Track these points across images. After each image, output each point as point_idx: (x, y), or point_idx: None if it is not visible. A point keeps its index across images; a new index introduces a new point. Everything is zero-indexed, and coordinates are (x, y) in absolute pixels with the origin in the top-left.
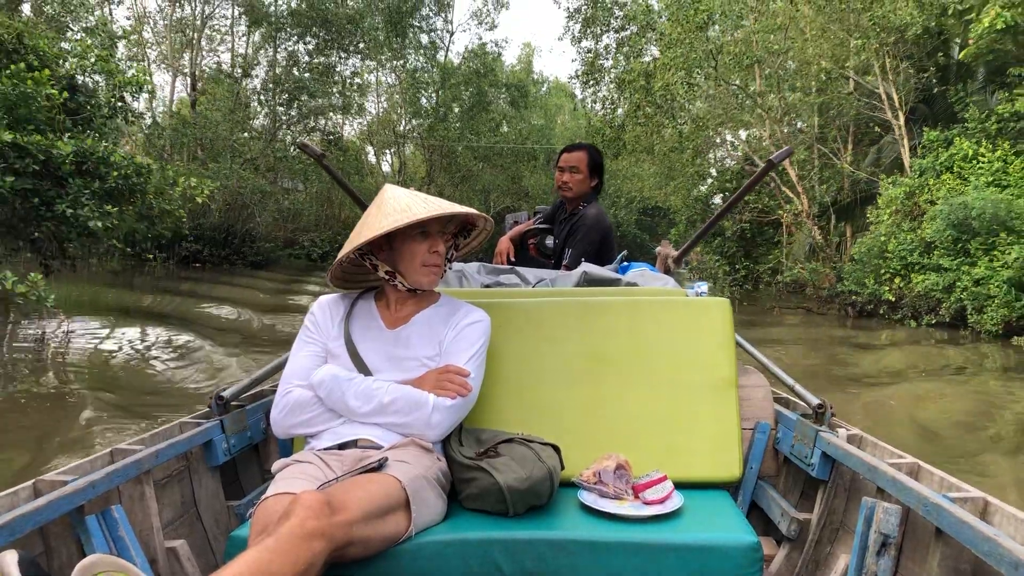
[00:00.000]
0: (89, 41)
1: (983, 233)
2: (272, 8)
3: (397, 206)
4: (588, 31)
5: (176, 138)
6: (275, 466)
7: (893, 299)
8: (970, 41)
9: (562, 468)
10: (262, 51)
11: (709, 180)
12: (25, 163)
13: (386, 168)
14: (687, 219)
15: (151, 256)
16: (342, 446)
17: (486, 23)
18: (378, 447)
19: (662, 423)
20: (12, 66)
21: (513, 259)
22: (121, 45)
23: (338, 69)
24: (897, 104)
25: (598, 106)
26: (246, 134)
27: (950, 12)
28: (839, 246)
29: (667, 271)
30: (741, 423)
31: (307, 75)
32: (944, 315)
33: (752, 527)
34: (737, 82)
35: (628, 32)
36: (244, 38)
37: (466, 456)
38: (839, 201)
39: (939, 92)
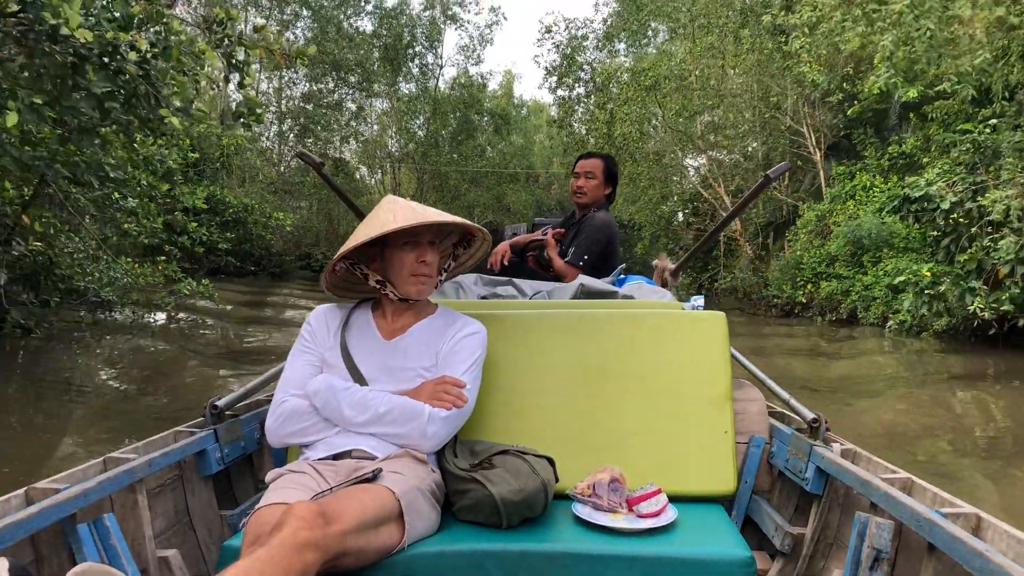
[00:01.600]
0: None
1: (872, 249)
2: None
3: (386, 217)
4: (563, 82)
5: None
6: (269, 476)
7: (805, 301)
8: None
9: (556, 480)
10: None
11: (671, 199)
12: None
13: (374, 184)
14: (651, 235)
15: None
16: (336, 456)
17: (472, 58)
18: (372, 458)
19: (657, 436)
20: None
21: (506, 262)
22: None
23: (345, 105)
24: (814, 143)
25: (572, 139)
26: (261, 161)
27: (843, 77)
28: (773, 259)
29: (664, 284)
30: (736, 437)
31: (320, 110)
32: (842, 313)
33: (746, 541)
34: (681, 128)
35: (593, 86)
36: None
37: (460, 468)
38: (775, 221)
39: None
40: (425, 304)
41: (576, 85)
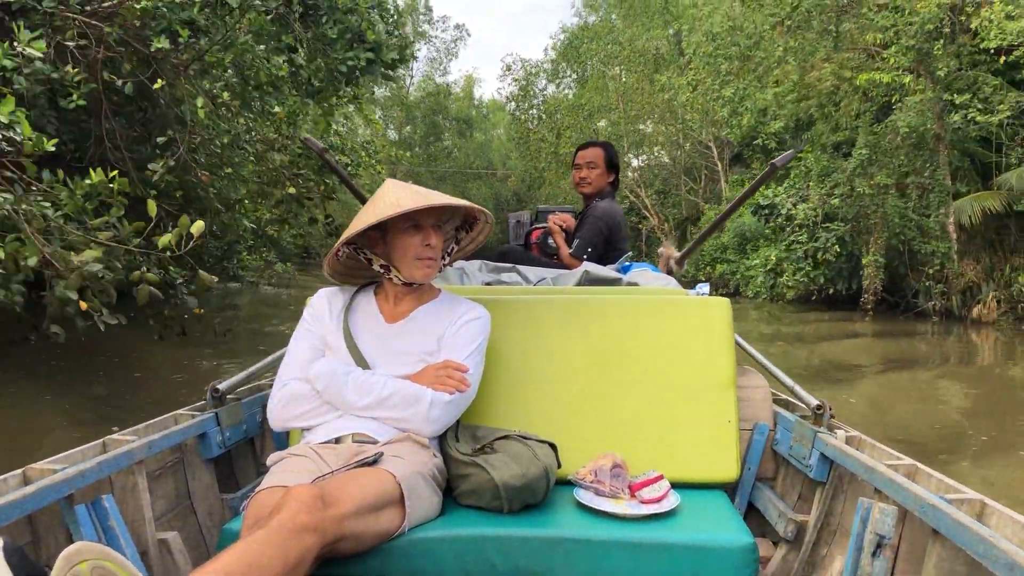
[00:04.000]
0: None
1: (752, 240)
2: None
3: (389, 200)
4: (520, 107)
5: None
6: (270, 459)
7: (704, 279)
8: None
9: (559, 466)
10: None
11: (631, 174)
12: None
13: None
14: None
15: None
16: (338, 440)
17: (439, 70)
18: (374, 441)
19: (660, 422)
20: None
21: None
22: None
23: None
24: (717, 156)
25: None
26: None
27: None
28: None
29: (669, 272)
30: (739, 423)
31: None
32: (730, 288)
33: (748, 528)
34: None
35: (543, 111)
36: None
37: (462, 452)
38: (689, 217)
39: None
40: (428, 288)
41: (531, 109)
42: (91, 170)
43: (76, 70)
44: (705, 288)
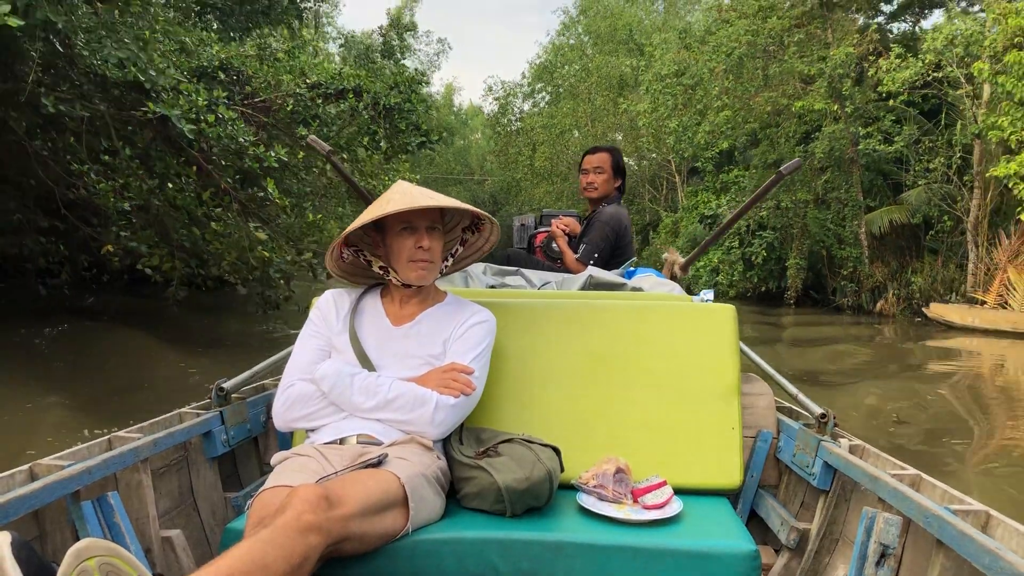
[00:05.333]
0: None
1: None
2: None
3: (385, 202)
4: (499, 123)
5: None
6: (274, 459)
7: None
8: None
9: (562, 470)
10: None
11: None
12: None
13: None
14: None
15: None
16: (342, 441)
17: (423, 82)
18: (378, 443)
19: (663, 428)
20: None
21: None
22: None
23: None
24: (674, 169)
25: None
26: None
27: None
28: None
29: (673, 277)
30: (743, 431)
31: None
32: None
33: (751, 535)
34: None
35: (521, 127)
36: None
37: (466, 455)
38: (649, 223)
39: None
40: (434, 291)
41: (509, 125)
42: (308, 213)
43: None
44: (709, 295)
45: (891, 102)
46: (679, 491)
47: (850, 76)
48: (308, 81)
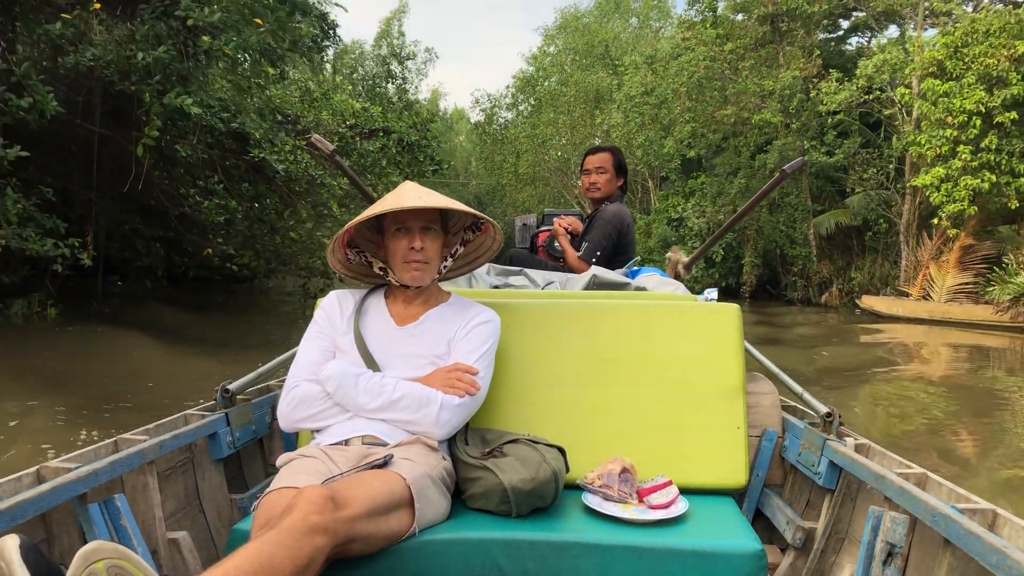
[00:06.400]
0: None
1: (672, 242)
2: None
3: (380, 204)
4: (485, 131)
5: None
6: (279, 460)
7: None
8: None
9: (567, 470)
10: None
11: (576, 192)
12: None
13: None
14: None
15: None
16: (348, 442)
17: (412, 91)
18: (383, 444)
19: (669, 428)
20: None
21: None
22: None
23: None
24: (647, 175)
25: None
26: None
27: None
28: None
29: (677, 276)
30: (748, 430)
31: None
32: None
33: (757, 535)
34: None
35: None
36: None
37: (471, 455)
38: None
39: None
40: (438, 292)
41: (495, 133)
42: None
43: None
44: (713, 294)
45: (840, 116)
46: (684, 491)
47: (796, 96)
48: (348, 123)
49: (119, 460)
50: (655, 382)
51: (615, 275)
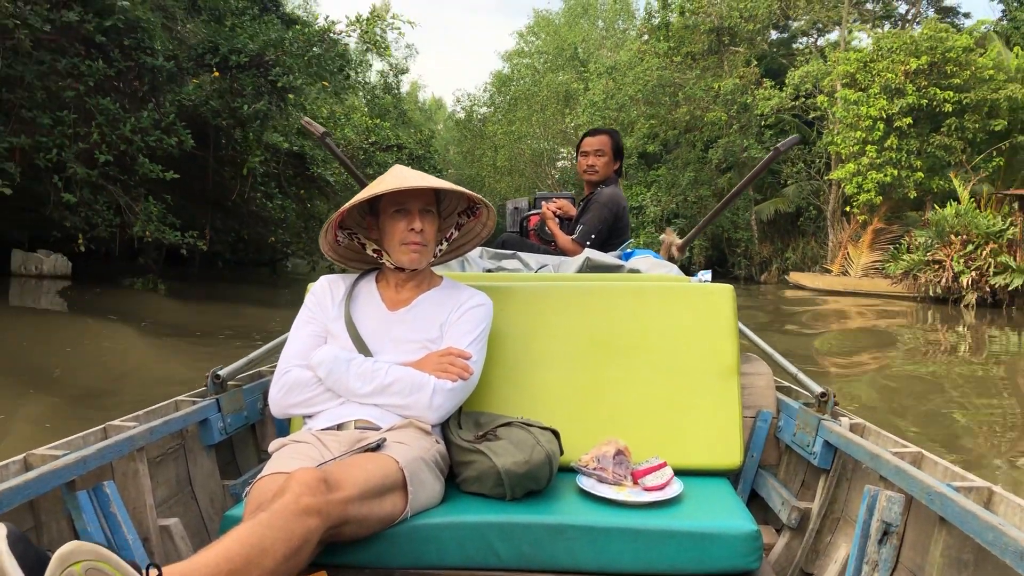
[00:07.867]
0: None
1: (636, 230)
2: None
3: (379, 184)
4: (465, 127)
5: None
6: (272, 446)
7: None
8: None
9: (561, 453)
10: None
11: (549, 182)
12: None
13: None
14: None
15: None
16: (340, 426)
17: (392, 84)
18: (376, 428)
19: (663, 409)
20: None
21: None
22: None
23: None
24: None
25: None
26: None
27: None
28: None
29: (671, 258)
30: (743, 411)
31: None
32: None
33: (752, 515)
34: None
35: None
36: None
37: (465, 439)
38: None
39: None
40: (430, 276)
41: (474, 129)
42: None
43: None
44: (707, 275)
45: (776, 116)
46: (679, 472)
47: (738, 101)
48: (370, 140)
49: (108, 447)
50: (649, 364)
51: (608, 258)
